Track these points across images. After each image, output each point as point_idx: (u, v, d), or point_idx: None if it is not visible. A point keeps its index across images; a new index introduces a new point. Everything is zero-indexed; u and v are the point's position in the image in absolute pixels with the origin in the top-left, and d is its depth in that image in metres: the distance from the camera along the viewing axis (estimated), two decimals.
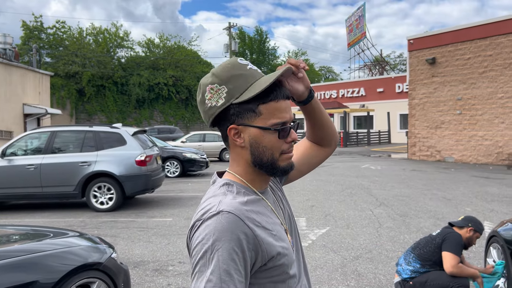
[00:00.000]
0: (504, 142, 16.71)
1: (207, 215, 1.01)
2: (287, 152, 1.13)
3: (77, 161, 8.30)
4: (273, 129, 1.09)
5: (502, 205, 8.38)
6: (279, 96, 1.10)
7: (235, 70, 1.10)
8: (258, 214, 1.07)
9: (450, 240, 3.58)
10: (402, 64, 53.02)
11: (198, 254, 0.98)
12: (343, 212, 7.91)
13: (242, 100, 1.07)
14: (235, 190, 1.11)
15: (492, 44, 16.91)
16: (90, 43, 41.50)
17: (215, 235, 0.97)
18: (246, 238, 0.99)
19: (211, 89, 1.11)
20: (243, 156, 1.13)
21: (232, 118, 1.10)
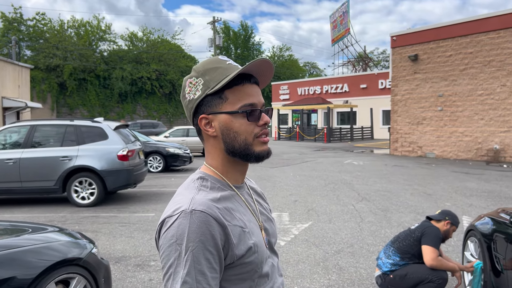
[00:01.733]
0: (483, 138, 17.05)
1: (179, 214, 0.99)
2: (260, 136, 1.11)
3: (58, 155, 8.17)
4: (241, 111, 1.07)
5: (480, 200, 8.56)
6: (245, 81, 1.09)
7: (213, 64, 1.10)
8: (231, 211, 1.05)
9: (429, 234, 3.65)
10: (385, 61, 53.58)
11: (171, 254, 0.96)
12: (325, 207, 7.97)
13: (215, 90, 1.07)
14: (209, 185, 1.09)
15: (473, 42, 17.19)
16: (72, 36, 40.84)
17: (188, 235, 0.95)
18: (219, 237, 0.98)
19: (189, 83, 1.11)
20: (217, 146, 1.12)
21: (202, 109, 1.10)
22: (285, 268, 4.74)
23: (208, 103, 1.09)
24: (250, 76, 1.11)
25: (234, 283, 1.03)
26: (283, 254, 5.22)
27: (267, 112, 1.14)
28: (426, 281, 3.50)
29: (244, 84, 1.09)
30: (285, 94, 41.83)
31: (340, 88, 37.07)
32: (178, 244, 0.96)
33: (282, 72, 55.96)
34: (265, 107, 1.14)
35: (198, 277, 0.94)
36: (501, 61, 16.36)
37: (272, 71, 1.16)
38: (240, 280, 1.04)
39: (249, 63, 1.06)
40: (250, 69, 1.08)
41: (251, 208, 1.16)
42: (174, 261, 0.95)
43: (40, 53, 37.58)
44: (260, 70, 1.12)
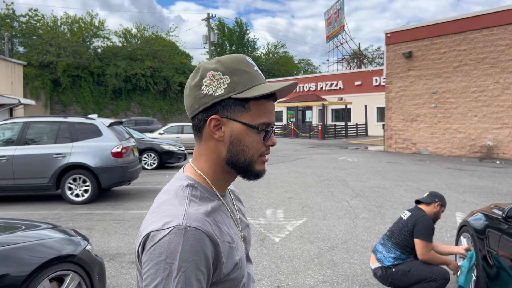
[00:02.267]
0: (477, 135, 17.15)
1: (171, 229, 0.91)
2: (264, 155, 1.07)
3: (51, 152, 8.13)
4: (261, 129, 1.02)
5: (473, 196, 8.62)
6: (271, 98, 1.05)
7: (243, 65, 1.03)
8: (219, 225, 1.00)
9: (420, 226, 3.64)
10: (380, 58, 53.67)
11: (159, 273, 0.89)
12: (320, 203, 8.00)
13: (244, 97, 1.00)
14: (199, 194, 1.02)
15: (467, 39, 17.27)
16: (65, 32, 40.56)
17: (182, 254, 0.89)
18: (211, 256, 0.94)
19: (212, 75, 1.01)
20: (216, 151, 1.05)
21: (217, 109, 1.02)
22: (279, 265, 4.75)
23: (227, 106, 1.01)
24: (274, 93, 1.06)
25: None
26: (278, 251, 5.23)
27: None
28: (428, 280, 3.49)
29: (269, 100, 1.05)
30: None
31: (334, 85, 37.12)
32: (167, 263, 0.88)
33: (277, 69, 55.94)
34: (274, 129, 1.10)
35: None
36: (494, 58, 16.45)
37: (293, 91, 1.11)
38: None
39: (287, 85, 1.02)
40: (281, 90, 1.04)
41: (234, 218, 1.12)
42: (161, 281, 0.88)
43: (33, 50, 37.30)
44: (285, 90, 1.07)
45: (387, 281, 3.66)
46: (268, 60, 57.69)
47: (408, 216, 3.81)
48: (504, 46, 16.17)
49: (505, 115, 16.32)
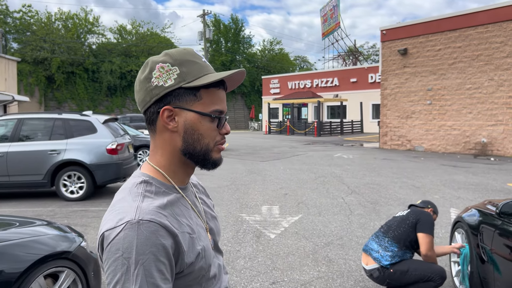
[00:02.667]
0: (471, 131, 17.24)
1: (124, 225, 0.91)
2: (220, 144, 1.08)
3: (46, 149, 8.09)
4: (214, 116, 1.04)
5: (468, 193, 8.67)
6: (221, 85, 1.07)
7: (191, 56, 1.05)
8: (178, 217, 1.00)
9: (425, 221, 3.61)
10: (375, 55, 53.78)
11: (118, 269, 0.88)
12: (315, 200, 8.02)
13: (194, 85, 1.01)
14: (154, 189, 1.01)
15: (461, 36, 17.32)
16: (59, 28, 40.32)
17: (137, 247, 0.89)
18: (170, 246, 0.93)
19: (161, 67, 1.02)
20: (172, 143, 1.04)
21: (169, 100, 1.02)
22: (275, 261, 4.77)
23: (179, 96, 1.02)
24: (223, 82, 1.08)
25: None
26: (273, 247, 5.24)
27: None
28: (426, 279, 3.48)
29: (220, 88, 1.06)
30: (276, 88, 41.82)
31: (330, 82, 37.16)
32: (125, 258, 0.88)
33: (273, 66, 55.88)
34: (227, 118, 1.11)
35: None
36: (489, 55, 16.52)
37: (242, 81, 1.14)
38: (187, 286, 1.00)
39: (234, 71, 1.04)
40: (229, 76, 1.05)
41: (196, 209, 1.11)
42: (121, 277, 0.88)
43: (27, 46, 37.06)
44: (234, 79, 1.10)
45: (385, 282, 3.59)
46: (263, 57, 57.61)
47: (408, 212, 3.79)
48: (499, 43, 16.24)
49: (499, 112, 16.41)
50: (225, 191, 8.91)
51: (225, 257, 4.89)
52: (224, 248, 5.19)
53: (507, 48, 16.03)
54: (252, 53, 56.22)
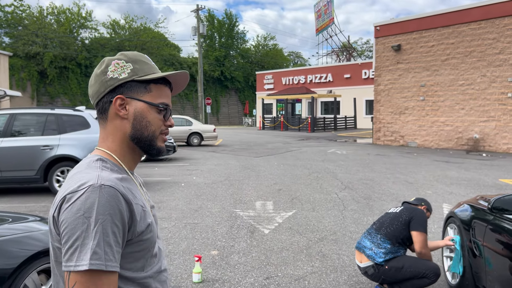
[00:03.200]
0: (464, 127, 17.35)
1: (87, 188, 0.99)
2: (164, 133, 1.20)
3: (39, 144, 8.04)
4: (161, 107, 1.17)
5: (460, 188, 8.74)
6: (166, 84, 1.21)
7: (143, 58, 1.19)
8: (132, 191, 1.09)
9: (418, 219, 3.62)
10: (369, 51, 53.87)
11: (78, 227, 0.96)
12: (309, 195, 8.04)
13: (143, 79, 1.15)
14: (109, 166, 1.11)
15: (455, 33, 17.39)
16: (52, 23, 39.94)
17: (98, 208, 0.97)
18: (126, 213, 1.01)
19: (116, 63, 1.16)
20: (122, 129, 1.15)
21: (121, 90, 1.15)
22: (269, 256, 4.78)
23: (131, 87, 1.15)
24: (169, 82, 1.22)
25: (129, 262, 1.06)
26: (267, 242, 5.26)
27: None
28: (420, 276, 3.50)
29: (166, 86, 1.20)
30: (270, 83, 41.79)
31: (324, 78, 37.19)
32: (86, 217, 0.96)
33: (267, 61, 55.80)
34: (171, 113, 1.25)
35: (106, 249, 0.96)
36: (482, 51, 16.61)
37: (186, 84, 1.29)
38: (135, 259, 1.07)
39: (177, 72, 1.19)
40: (171, 77, 1.20)
41: (143, 192, 1.21)
42: (81, 234, 0.95)
43: (19, 40, 36.69)
44: (178, 81, 1.24)
45: (379, 278, 3.59)
46: (257, 52, 57.49)
47: (401, 209, 3.78)
48: (492, 39, 16.33)
49: (491, 108, 16.53)
50: (219, 186, 8.91)
51: (219, 252, 4.90)
52: (218, 244, 5.20)
53: (500, 44, 16.13)
54: (246, 48, 56.09)
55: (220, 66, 49.61)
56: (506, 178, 10.02)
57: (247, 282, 4.07)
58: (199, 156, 14.84)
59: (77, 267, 0.94)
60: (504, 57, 16.03)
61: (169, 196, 8.01)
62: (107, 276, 0.97)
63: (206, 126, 19.65)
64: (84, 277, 0.94)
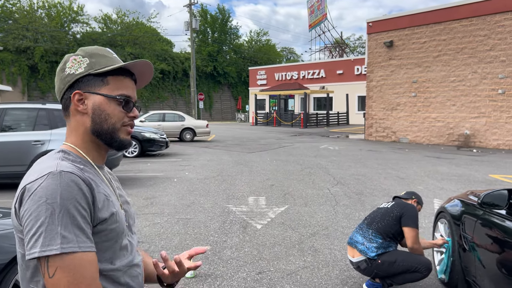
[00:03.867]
0: (455, 123, 17.49)
1: (46, 175, 0.99)
2: (128, 125, 1.19)
3: (30, 139, 7.97)
4: (119, 98, 1.15)
5: (451, 183, 8.82)
6: (127, 75, 1.19)
7: (101, 51, 1.19)
8: (95, 182, 1.08)
9: (409, 214, 3.64)
10: (362, 47, 53.99)
11: (41, 214, 0.94)
12: (301, 191, 8.07)
13: (99, 72, 1.14)
14: (71, 158, 1.10)
15: (446, 29, 17.49)
16: (42, 17, 39.50)
17: (61, 193, 0.96)
18: (89, 196, 1.01)
19: (74, 59, 1.16)
20: (83, 124, 1.15)
21: (79, 85, 1.14)
22: (261, 251, 4.80)
23: (88, 82, 1.14)
24: (131, 73, 1.21)
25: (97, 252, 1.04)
26: (260, 237, 5.28)
27: (136, 108, 1.22)
28: (413, 270, 3.53)
29: (126, 77, 1.18)
30: (263, 79, 41.76)
31: (316, 74, 37.24)
32: (49, 204, 0.95)
33: (259, 57, 55.71)
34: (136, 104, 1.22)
35: (76, 231, 0.96)
36: (473, 48, 16.73)
37: (151, 73, 1.26)
38: (101, 249, 1.05)
39: (135, 61, 1.16)
40: (132, 67, 1.18)
41: (112, 187, 1.19)
42: (45, 220, 0.94)
43: (9, 34, 36.22)
44: (141, 71, 1.22)
45: (372, 273, 3.63)
46: (250, 48, 57.36)
47: (392, 205, 3.80)
48: (483, 36, 16.44)
49: (482, 104, 16.67)
50: (212, 182, 8.91)
51: (212, 247, 4.92)
52: (210, 239, 5.21)
53: (491, 41, 16.25)
54: (239, 44, 55.94)
55: (213, 62, 49.45)
56: (495, 173, 10.14)
57: (239, 277, 4.08)
58: (191, 152, 14.82)
59: (43, 252, 0.93)
60: (494, 53, 16.16)
61: (161, 191, 8.00)
62: (84, 257, 0.96)
63: (199, 122, 19.61)
64: (62, 261, 0.94)
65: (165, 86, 44.74)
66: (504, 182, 9.00)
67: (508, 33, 15.78)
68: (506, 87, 15.98)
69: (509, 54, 15.80)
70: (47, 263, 0.95)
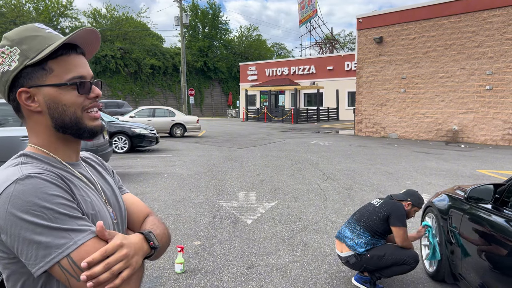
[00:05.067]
0: (443, 119, 17.66)
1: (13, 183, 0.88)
2: (90, 108, 1.04)
3: (18, 135, 7.89)
4: (70, 83, 0.99)
5: (439, 178, 8.92)
6: (71, 51, 1.01)
7: (30, 32, 0.99)
8: (70, 180, 0.99)
9: (396, 215, 3.66)
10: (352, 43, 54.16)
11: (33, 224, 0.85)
12: (291, 186, 8.11)
13: (37, 60, 0.96)
14: (34, 161, 0.99)
15: (435, 25, 17.61)
16: (30, 11, 39.00)
17: (42, 195, 0.87)
18: (67, 189, 0.94)
19: (1, 52, 0.98)
20: (42, 123, 1.01)
21: (21, 82, 0.98)
22: (251, 246, 4.83)
23: (29, 75, 0.98)
24: (76, 46, 1.03)
25: None
26: (250, 232, 5.30)
27: (97, 85, 1.07)
28: (401, 263, 3.59)
29: (70, 54, 1.00)
30: (253, 74, 41.72)
31: (307, 70, 37.29)
32: (34, 210, 0.86)
33: (250, 53, 55.62)
34: (94, 79, 1.06)
35: (78, 222, 0.90)
36: (461, 44, 16.87)
37: (99, 41, 1.09)
38: None
39: (74, 32, 0.99)
40: (75, 39, 1.01)
41: (92, 184, 1.09)
42: (43, 227, 0.86)
43: None
44: (86, 40, 1.05)
45: (361, 267, 3.68)
46: (241, 43, 57.23)
47: (380, 203, 3.82)
48: (471, 33, 16.59)
49: (470, 100, 16.85)
50: (202, 177, 8.91)
51: (202, 243, 4.92)
52: (200, 234, 5.22)
53: (479, 38, 16.41)
54: (229, 39, 55.78)
55: (203, 57, 49.26)
56: (483, 168, 10.27)
57: (229, 272, 4.10)
58: (182, 147, 14.78)
59: (62, 254, 0.86)
60: (482, 50, 16.32)
61: (151, 187, 7.98)
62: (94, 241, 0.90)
63: (189, 117, 19.55)
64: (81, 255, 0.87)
65: (155, 81, 44.49)
66: (491, 177, 9.12)
67: (496, 30, 15.95)
68: (493, 83, 16.17)
69: (497, 51, 15.98)
70: (72, 263, 0.87)
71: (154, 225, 1.18)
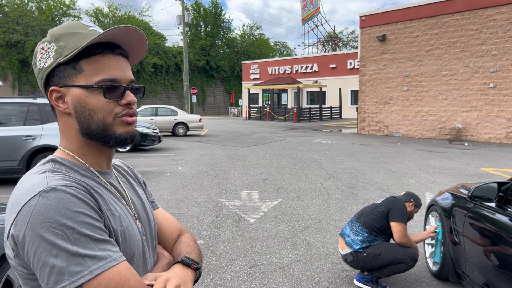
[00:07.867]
0: (447, 117, 17.60)
1: (37, 196, 0.82)
2: (124, 116, 0.96)
3: (21, 134, 7.91)
4: (96, 86, 0.92)
5: (442, 177, 8.89)
6: (107, 51, 0.94)
7: (72, 28, 0.94)
8: (97, 191, 0.93)
9: (396, 210, 3.68)
10: (354, 41, 54.01)
11: (52, 243, 0.79)
12: (294, 184, 8.10)
13: (68, 58, 0.91)
14: (63, 168, 0.92)
15: (439, 23, 17.54)
16: (33, 10, 39.06)
17: (65, 211, 0.81)
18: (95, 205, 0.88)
19: (42, 48, 0.95)
20: (72, 126, 0.96)
21: (54, 80, 0.94)
22: (254, 245, 4.82)
23: (60, 73, 0.93)
24: (115, 46, 0.95)
25: None
26: (253, 231, 5.30)
27: (136, 90, 1.00)
28: (398, 262, 3.57)
29: (105, 54, 0.93)
30: (256, 73, 41.68)
31: (310, 68, 37.23)
32: (54, 228, 0.79)
33: (252, 51, 55.57)
34: (134, 84, 0.99)
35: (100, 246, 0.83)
36: (465, 42, 16.80)
37: (145, 43, 1.01)
38: None
39: (112, 28, 0.91)
40: (114, 38, 0.94)
41: (121, 196, 1.02)
42: (59, 249, 0.79)
43: None
44: (129, 41, 0.97)
45: (358, 265, 3.68)
46: (243, 42, 57.20)
47: (382, 201, 3.85)
48: (474, 30, 16.52)
49: (473, 98, 16.78)
50: (205, 176, 8.91)
51: (205, 241, 4.92)
52: (203, 233, 5.22)
53: (482, 35, 16.33)
54: (231, 37, 55.74)
55: (205, 56, 49.26)
56: (486, 167, 10.23)
57: (232, 271, 4.10)
58: (184, 146, 14.79)
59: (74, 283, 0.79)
60: (486, 47, 16.25)
61: (154, 186, 7.98)
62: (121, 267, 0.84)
63: (191, 116, 19.56)
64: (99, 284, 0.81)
65: (158, 80, 44.54)
66: (495, 175, 9.09)
67: (500, 27, 15.87)
68: (497, 81, 16.09)
69: (500, 48, 15.90)
70: None
71: (188, 246, 1.15)
